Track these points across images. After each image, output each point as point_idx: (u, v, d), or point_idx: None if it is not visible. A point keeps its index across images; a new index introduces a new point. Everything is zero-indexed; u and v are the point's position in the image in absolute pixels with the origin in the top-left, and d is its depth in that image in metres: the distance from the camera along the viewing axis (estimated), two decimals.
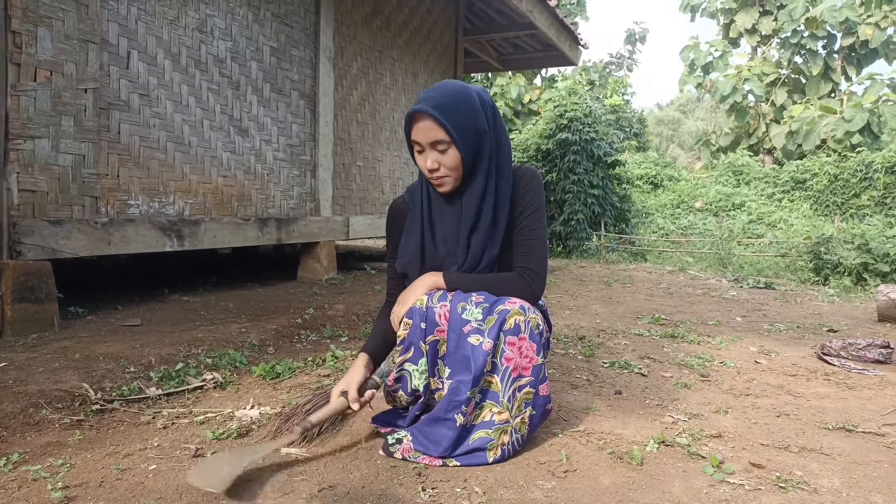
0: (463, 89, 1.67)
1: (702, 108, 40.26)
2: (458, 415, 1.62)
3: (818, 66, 22.57)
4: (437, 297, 1.66)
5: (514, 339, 1.61)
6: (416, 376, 1.69)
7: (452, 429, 1.62)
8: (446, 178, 1.69)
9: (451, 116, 1.62)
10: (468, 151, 1.66)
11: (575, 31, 8.32)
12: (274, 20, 4.63)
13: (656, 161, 20.89)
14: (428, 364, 1.67)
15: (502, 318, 1.61)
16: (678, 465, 1.66)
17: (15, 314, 2.82)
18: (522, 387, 1.64)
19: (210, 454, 1.66)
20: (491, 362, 1.62)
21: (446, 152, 1.65)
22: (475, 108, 1.66)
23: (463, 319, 1.62)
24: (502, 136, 1.75)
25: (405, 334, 1.68)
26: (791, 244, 11.38)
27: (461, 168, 1.67)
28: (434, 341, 1.65)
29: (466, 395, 1.61)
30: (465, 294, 1.66)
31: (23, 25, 2.89)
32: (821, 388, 2.52)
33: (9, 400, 1.95)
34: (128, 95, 3.49)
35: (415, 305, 1.67)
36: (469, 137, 1.65)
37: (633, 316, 4.20)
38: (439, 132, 1.63)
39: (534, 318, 1.64)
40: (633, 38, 26.67)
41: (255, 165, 4.49)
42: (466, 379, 1.61)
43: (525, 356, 1.63)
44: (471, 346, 1.61)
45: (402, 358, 1.70)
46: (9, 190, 2.88)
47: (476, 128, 1.66)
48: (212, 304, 3.78)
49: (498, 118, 1.74)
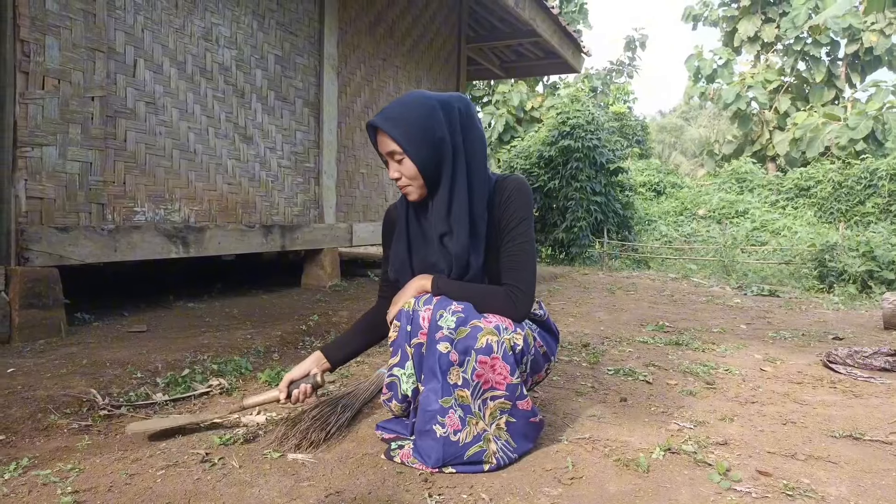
0: (417, 100, 1.69)
1: (704, 116, 40.30)
2: (436, 426, 1.61)
3: (822, 73, 22.59)
4: (424, 300, 1.68)
5: (486, 357, 1.61)
6: (405, 380, 1.71)
7: (437, 440, 1.61)
8: (409, 186, 1.72)
9: (400, 127, 1.65)
10: (423, 160, 1.67)
11: (578, 38, 8.35)
12: (278, 28, 4.66)
13: (659, 168, 20.88)
14: (414, 368, 1.68)
15: (474, 333, 1.61)
16: (685, 473, 1.66)
17: (23, 320, 2.83)
18: (496, 398, 1.64)
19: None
20: (461, 377, 1.62)
21: (402, 162, 1.69)
22: (429, 116, 1.67)
23: (437, 325, 1.62)
24: (473, 144, 1.73)
25: (394, 336, 1.72)
26: (795, 252, 11.36)
27: (420, 177, 1.69)
28: (419, 344, 1.67)
29: (438, 404, 1.61)
30: (447, 301, 1.66)
31: (31, 34, 2.92)
32: (827, 395, 2.51)
33: (18, 405, 1.96)
34: (134, 103, 3.51)
35: (403, 308, 1.70)
36: (422, 146, 1.66)
37: (638, 323, 4.19)
38: (391, 144, 1.68)
39: (509, 339, 1.63)
40: (633, 45, 26.72)
41: (260, 173, 4.51)
42: (436, 387, 1.62)
43: (498, 373, 1.63)
44: (438, 352, 1.61)
45: (391, 361, 1.73)
46: (17, 197, 2.89)
47: (431, 137, 1.66)
48: (217, 311, 3.79)
49: (470, 127, 1.73)
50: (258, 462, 1.67)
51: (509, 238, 1.72)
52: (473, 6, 7.90)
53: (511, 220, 1.73)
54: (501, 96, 20.91)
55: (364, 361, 2.83)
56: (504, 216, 1.74)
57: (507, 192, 1.74)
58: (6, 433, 1.79)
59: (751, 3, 23.86)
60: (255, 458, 1.69)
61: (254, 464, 1.65)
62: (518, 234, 1.72)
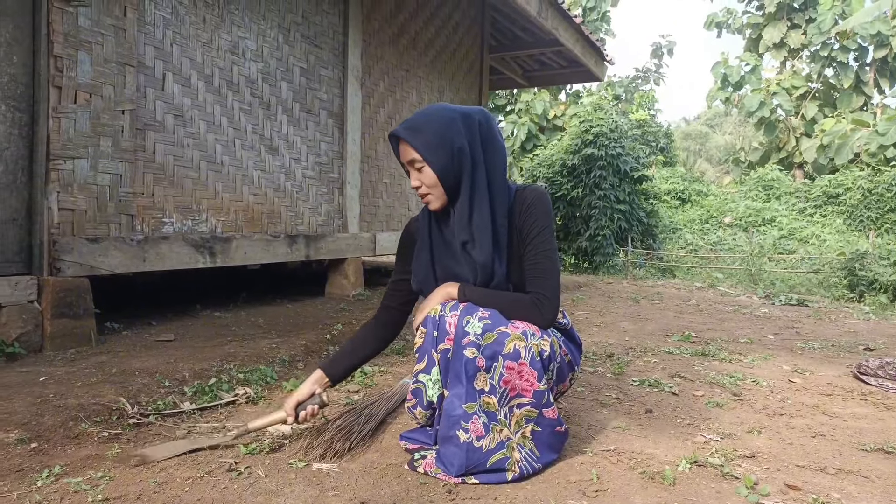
0: (439, 111, 1.74)
1: (729, 123, 39.88)
2: (459, 431, 1.62)
3: (849, 78, 22.22)
4: (450, 307, 1.70)
5: (513, 363, 1.61)
6: (430, 386, 1.72)
7: (459, 446, 1.61)
8: (429, 195, 1.75)
9: (421, 137, 1.69)
10: (442, 168, 1.70)
11: (601, 46, 8.33)
12: (303, 41, 4.72)
13: (684, 176, 20.68)
14: (440, 374, 1.69)
15: (501, 339, 1.62)
16: (711, 486, 1.64)
17: (54, 329, 2.90)
18: (522, 405, 1.64)
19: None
20: (488, 382, 1.63)
21: (423, 171, 1.72)
22: (450, 126, 1.70)
23: (464, 331, 1.64)
24: (493, 155, 1.75)
25: (420, 342, 1.74)
26: (824, 260, 11.17)
27: (440, 185, 1.72)
28: (445, 350, 1.68)
29: (462, 409, 1.62)
30: (474, 307, 1.68)
31: (64, 50, 3.00)
32: (858, 408, 2.47)
33: (50, 413, 2.00)
34: (163, 116, 3.58)
35: (430, 314, 1.72)
36: (441, 155, 1.69)
37: (663, 333, 4.15)
38: (412, 152, 1.71)
39: (536, 345, 1.64)
40: (660, 52, 26.55)
41: (285, 183, 4.57)
42: (461, 392, 1.63)
43: (525, 379, 1.63)
44: (465, 358, 1.62)
45: (417, 367, 1.75)
46: (49, 209, 2.97)
47: (450, 146, 1.69)
48: (242, 320, 3.83)
49: (490, 138, 1.76)
50: (284, 471, 1.68)
51: (531, 246, 1.74)
52: (496, 16, 7.93)
53: (532, 229, 1.74)
54: (524, 105, 20.90)
55: (388, 371, 2.84)
56: (525, 225, 1.75)
57: (527, 201, 1.76)
58: (39, 441, 1.83)
59: (776, 9, 23.59)
60: (281, 467, 1.71)
61: (279, 473, 1.67)
62: (540, 243, 1.73)
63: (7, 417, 1.97)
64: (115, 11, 3.24)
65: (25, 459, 1.71)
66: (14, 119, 2.93)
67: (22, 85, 2.95)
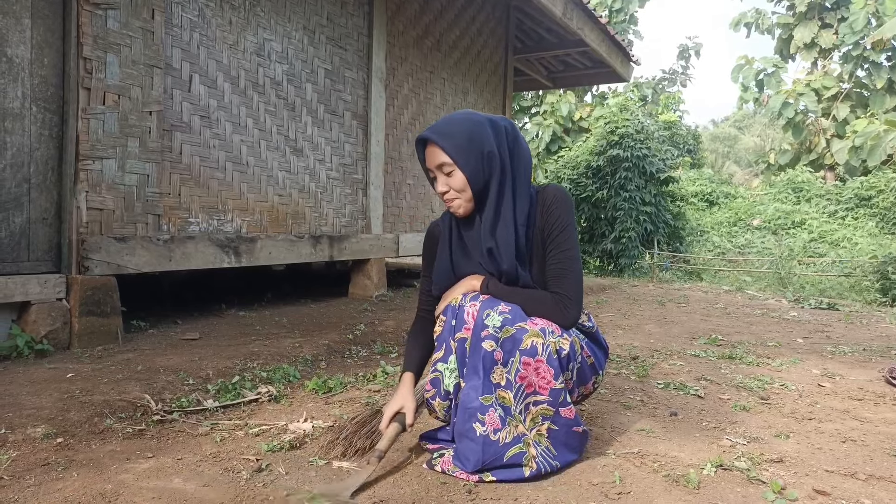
0: (467, 116, 1.74)
1: (758, 124, 39.29)
2: (475, 423, 1.62)
3: (882, 79, 21.72)
4: (470, 297, 1.70)
5: (530, 360, 1.61)
6: (447, 375, 1.71)
7: (476, 441, 1.61)
8: (456, 199, 1.74)
9: (451, 140, 1.68)
10: (472, 172, 1.69)
11: (627, 47, 8.26)
12: (328, 43, 4.75)
13: (712, 178, 20.43)
14: (457, 362, 1.69)
15: (519, 335, 1.61)
16: (737, 490, 1.61)
17: (82, 327, 2.94)
18: (538, 402, 1.63)
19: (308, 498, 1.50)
20: (505, 377, 1.62)
21: (452, 175, 1.71)
22: (479, 131, 1.70)
23: (483, 324, 1.63)
24: (519, 162, 1.75)
25: (439, 331, 1.74)
26: (856, 263, 10.94)
27: (469, 189, 1.71)
28: (462, 339, 1.68)
29: (478, 401, 1.62)
30: (495, 301, 1.67)
31: (93, 52, 3.05)
32: (889, 413, 2.40)
33: (76, 409, 2.03)
34: (189, 117, 3.62)
35: (450, 304, 1.72)
36: (471, 158, 1.69)
37: (689, 336, 4.09)
38: (442, 155, 1.70)
39: (555, 343, 1.62)
40: (687, 53, 26.25)
41: (310, 184, 4.60)
42: (477, 384, 1.63)
43: (542, 377, 1.62)
44: (483, 350, 1.62)
45: (436, 356, 1.75)
46: (78, 208, 3.02)
47: (480, 150, 1.69)
48: (266, 320, 3.86)
49: (516, 146, 1.76)
50: (304, 469, 1.69)
51: (553, 246, 1.73)
52: (521, 17, 7.91)
53: (554, 229, 1.73)
54: (549, 107, 20.78)
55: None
56: (546, 225, 1.75)
57: (547, 201, 1.76)
58: (64, 436, 1.86)
59: (807, 8, 23.19)
60: (302, 465, 1.71)
61: (300, 471, 1.67)
62: (562, 242, 1.72)
63: (35, 412, 2.00)
64: (143, 14, 3.29)
65: (51, 454, 1.73)
66: (45, 120, 2.98)
67: (52, 86, 3.01)
